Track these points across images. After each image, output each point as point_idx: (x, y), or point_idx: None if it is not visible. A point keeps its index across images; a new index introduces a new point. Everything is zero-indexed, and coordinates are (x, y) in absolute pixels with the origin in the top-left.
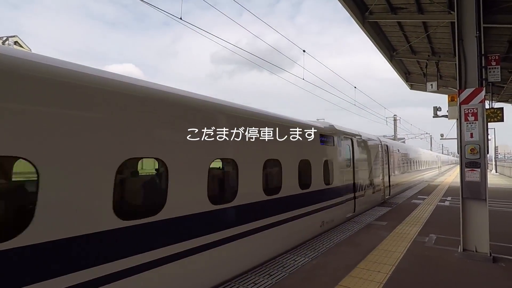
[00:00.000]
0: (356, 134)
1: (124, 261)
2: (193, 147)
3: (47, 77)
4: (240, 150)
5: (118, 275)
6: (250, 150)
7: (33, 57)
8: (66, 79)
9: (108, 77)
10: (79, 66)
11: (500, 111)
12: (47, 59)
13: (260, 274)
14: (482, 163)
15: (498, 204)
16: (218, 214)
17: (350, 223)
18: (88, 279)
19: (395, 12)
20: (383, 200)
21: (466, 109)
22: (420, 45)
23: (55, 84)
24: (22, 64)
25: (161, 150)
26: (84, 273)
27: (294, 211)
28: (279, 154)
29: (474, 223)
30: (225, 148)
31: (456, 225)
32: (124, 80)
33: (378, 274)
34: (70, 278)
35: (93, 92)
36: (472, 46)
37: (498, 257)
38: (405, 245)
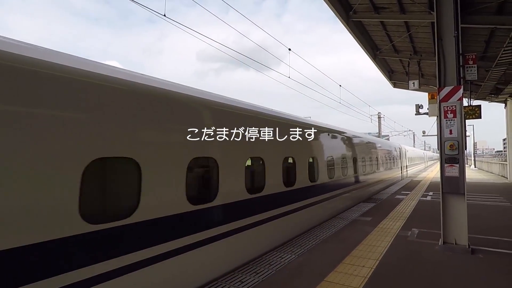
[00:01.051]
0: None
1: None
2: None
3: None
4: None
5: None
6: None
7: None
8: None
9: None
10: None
11: (478, 109)
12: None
13: (247, 272)
14: (461, 159)
15: (476, 198)
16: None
17: (336, 219)
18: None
19: (378, 12)
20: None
21: (445, 106)
22: (402, 44)
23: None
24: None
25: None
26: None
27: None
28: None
29: (454, 217)
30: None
31: (437, 219)
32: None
33: (362, 269)
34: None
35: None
36: (451, 45)
37: (476, 249)
38: (389, 240)
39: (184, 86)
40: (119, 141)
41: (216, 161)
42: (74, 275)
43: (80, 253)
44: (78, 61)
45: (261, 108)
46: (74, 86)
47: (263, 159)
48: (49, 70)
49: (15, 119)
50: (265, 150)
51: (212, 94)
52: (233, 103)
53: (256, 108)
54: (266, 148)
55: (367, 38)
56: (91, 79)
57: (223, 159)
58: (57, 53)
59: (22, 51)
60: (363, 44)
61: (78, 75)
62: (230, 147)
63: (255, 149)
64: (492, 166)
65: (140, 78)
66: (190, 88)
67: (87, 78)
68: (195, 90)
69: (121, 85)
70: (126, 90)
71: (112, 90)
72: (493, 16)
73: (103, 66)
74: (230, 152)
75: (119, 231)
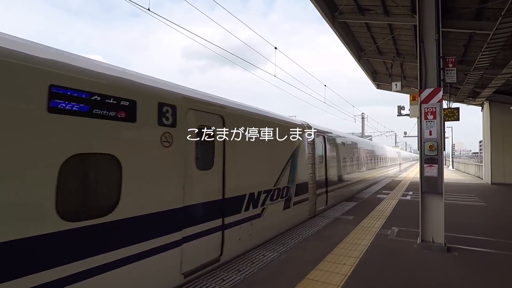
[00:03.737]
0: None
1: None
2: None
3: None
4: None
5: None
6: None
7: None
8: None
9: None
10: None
11: (457, 111)
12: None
13: (229, 270)
14: (439, 159)
15: (453, 198)
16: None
17: (319, 217)
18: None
19: (363, 14)
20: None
21: (426, 108)
22: (386, 46)
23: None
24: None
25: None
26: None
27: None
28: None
29: (431, 216)
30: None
31: (416, 218)
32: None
33: (343, 267)
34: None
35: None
36: (432, 48)
37: (452, 247)
38: (370, 238)
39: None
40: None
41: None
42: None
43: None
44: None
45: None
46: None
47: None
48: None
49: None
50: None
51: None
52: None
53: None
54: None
55: (352, 39)
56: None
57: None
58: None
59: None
60: (348, 45)
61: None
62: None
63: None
64: (469, 167)
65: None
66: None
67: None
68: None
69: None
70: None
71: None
72: (472, 21)
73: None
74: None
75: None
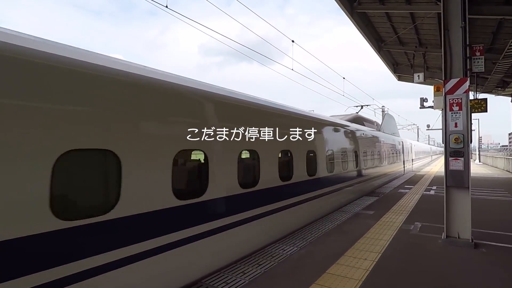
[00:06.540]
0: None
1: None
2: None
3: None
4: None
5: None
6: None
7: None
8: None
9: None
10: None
11: (484, 102)
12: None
13: (249, 263)
14: (466, 152)
15: (480, 192)
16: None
17: (339, 212)
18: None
19: (383, 3)
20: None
21: (451, 99)
22: (407, 36)
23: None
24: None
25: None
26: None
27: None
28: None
29: (457, 211)
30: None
31: (440, 213)
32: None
33: (364, 262)
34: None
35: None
36: (457, 36)
37: (479, 243)
38: (391, 233)
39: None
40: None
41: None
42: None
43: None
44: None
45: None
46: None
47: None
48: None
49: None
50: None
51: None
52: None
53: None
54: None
55: (371, 30)
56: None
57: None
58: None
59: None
60: (367, 36)
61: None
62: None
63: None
64: (497, 160)
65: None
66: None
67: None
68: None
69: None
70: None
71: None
72: (502, 6)
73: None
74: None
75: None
